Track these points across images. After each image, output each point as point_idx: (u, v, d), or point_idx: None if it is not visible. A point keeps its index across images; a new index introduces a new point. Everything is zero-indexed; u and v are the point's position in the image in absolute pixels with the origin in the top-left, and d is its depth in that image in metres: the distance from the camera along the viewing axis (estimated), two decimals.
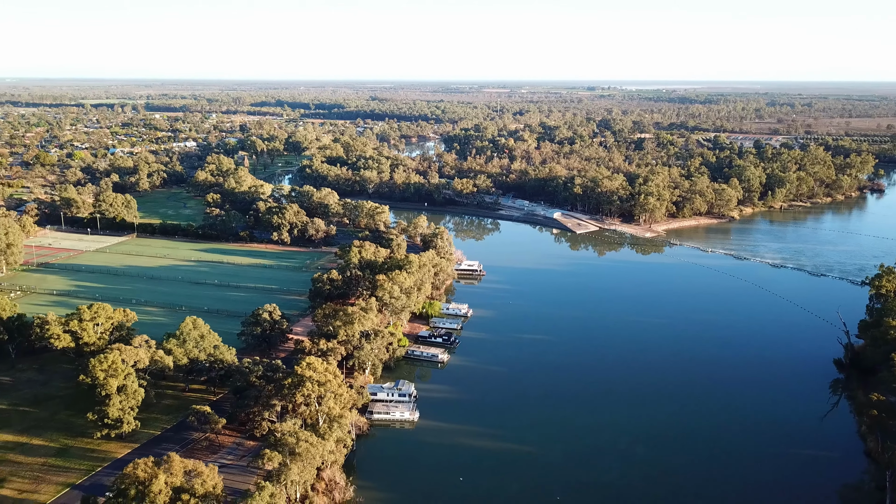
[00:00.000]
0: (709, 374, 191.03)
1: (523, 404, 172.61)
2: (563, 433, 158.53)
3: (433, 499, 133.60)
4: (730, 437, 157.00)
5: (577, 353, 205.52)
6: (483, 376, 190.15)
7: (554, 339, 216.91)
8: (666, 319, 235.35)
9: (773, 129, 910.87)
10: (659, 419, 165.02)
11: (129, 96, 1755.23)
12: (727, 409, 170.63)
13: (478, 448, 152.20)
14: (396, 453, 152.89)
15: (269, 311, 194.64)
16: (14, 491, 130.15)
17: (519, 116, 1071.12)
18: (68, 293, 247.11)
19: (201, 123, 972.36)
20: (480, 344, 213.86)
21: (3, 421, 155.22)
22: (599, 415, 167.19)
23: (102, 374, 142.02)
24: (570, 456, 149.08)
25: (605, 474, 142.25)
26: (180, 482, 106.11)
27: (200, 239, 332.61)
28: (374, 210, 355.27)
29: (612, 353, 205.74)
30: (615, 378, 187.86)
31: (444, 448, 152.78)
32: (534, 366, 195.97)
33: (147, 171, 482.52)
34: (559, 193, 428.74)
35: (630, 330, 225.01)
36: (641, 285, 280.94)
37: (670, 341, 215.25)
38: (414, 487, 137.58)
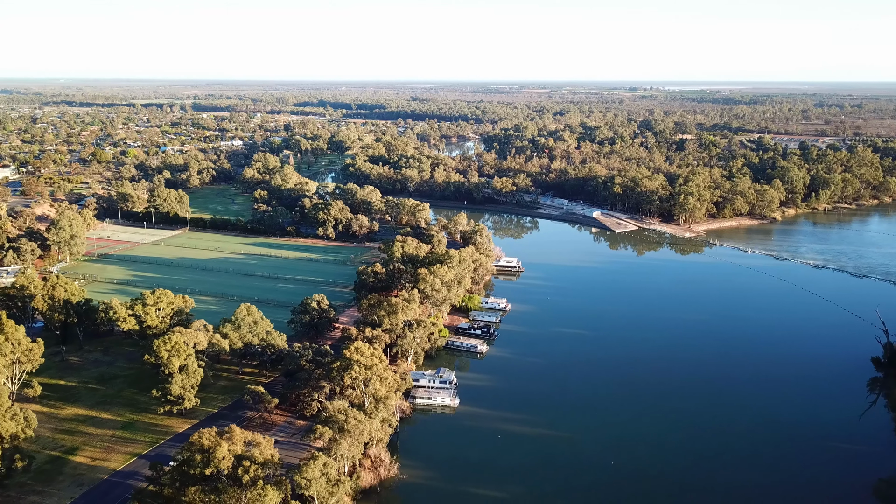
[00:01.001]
0: (746, 370, 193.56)
1: (559, 394, 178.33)
2: (597, 421, 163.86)
3: (472, 478, 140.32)
4: (766, 430, 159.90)
5: (614, 347, 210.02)
6: (521, 367, 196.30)
7: (591, 334, 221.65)
8: (703, 316, 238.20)
9: (820, 131, 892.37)
10: (694, 412, 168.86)
11: (176, 96, 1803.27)
12: (764, 404, 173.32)
13: (515, 433, 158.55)
14: (437, 436, 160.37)
15: (318, 300, 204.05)
16: (87, 458, 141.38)
17: (559, 117, 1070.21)
18: (127, 282, 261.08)
19: (247, 123, 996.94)
20: (519, 337, 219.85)
21: (74, 396, 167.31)
22: (634, 406, 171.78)
23: (166, 354, 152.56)
24: (604, 442, 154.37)
25: (637, 460, 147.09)
26: (241, 450, 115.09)
27: (249, 233, 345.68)
28: (416, 207, 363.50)
29: (649, 348, 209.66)
30: (651, 372, 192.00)
31: (483, 432, 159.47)
32: (571, 358, 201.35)
33: (197, 169, 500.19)
34: (599, 193, 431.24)
35: (668, 326, 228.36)
36: (680, 284, 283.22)
37: (708, 338, 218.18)
38: (454, 467, 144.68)
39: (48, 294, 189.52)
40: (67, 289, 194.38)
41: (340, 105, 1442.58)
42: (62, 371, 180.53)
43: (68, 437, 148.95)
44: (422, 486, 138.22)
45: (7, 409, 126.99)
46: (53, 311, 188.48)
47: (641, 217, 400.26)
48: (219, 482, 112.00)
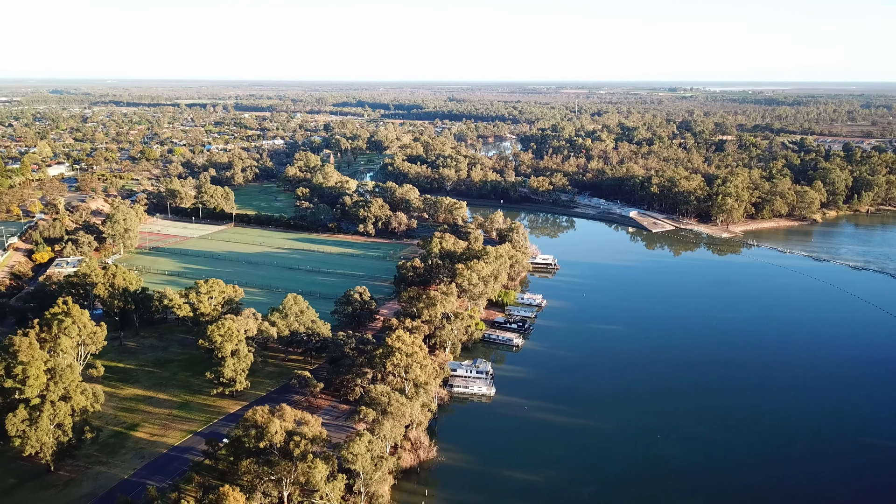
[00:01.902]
0: (779, 368, 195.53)
1: (592, 386, 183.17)
2: (628, 413, 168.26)
3: (507, 462, 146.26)
4: (798, 428, 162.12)
5: (647, 344, 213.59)
6: (555, 360, 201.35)
7: (626, 330, 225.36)
8: (738, 315, 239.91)
9: (866, 132, 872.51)
10: (725, 407, 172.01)
11: (219, 97, 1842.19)
12: (797, 401, 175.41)
13: (548, 422, 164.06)
14: (474, 422, 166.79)
15: (360, 292, 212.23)
16: (147, 434, 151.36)
17: (597, 117, 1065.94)
18: (177, 274, 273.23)
19: (287, 122, 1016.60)
20: (554, 331, 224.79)
21: (132, 378, 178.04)
22: (665, 400, 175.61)
23: (219, 339, 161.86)
24: (634, 433, 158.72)
25: (667, 451, 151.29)
26: (291, 427, 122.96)
27: (292, 229, 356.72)
28: (453, 206, 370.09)
29: (682, 345, 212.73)
30: (683, 367, 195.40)
31: (518, 420, 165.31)
32: (605, 353, 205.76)
33: (241, 167, 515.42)
34: (636, 192, 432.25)
35: (702, 324, 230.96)
36: (715, 283, 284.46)
37: (742, 336, 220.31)
38: (490, 451, 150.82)
39: (108, 282, 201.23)
40: (125, 278, 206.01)
41: (378, 105, 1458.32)
42: (121, 355, 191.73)
43: (129, 415, 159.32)
44: (459, 469, 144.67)
45: (78, 385, 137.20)
46: (113, 299, 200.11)
47: (678, 217, 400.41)
48: (271, 455, 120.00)
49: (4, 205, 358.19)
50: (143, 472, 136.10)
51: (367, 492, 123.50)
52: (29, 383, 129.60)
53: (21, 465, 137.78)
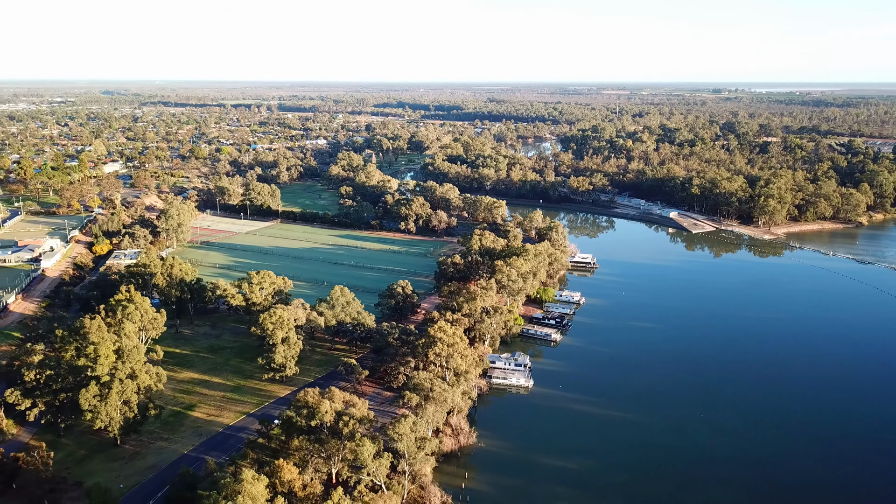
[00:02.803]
0: (817, 368, 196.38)
1: (628, 381, 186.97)
2: (662, 407, 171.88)
3: (544, 450, 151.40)
4: (832, 426, 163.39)
5: (684, 341, 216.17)
6: (592, 355, 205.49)
7: (663, 328, 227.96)
8: (777, 315, 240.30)
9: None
10: (759, 403, 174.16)
11: (262, 97, 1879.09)
12: (833, 400, 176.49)
13: (584, 413, 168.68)
14: (512, 412, 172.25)
15: (402, 286, 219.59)
16: (204, 414, 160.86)
17: (638, 118, 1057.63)
18: (228, 267, 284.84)
19: (329, 123, 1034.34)
20: (592, 328, 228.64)
21: (188, 363, 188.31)
22: (700, 395, 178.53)
23: (271, 327, 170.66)
24: (668, 425, 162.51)
25: (698, 442, 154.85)
26: (340, 408, 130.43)
27: (336, 226, 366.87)
28: (492, 204, 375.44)
29: (721, 344, 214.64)
30: (719, 365, 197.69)
31: (555, 411, 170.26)
32: (642, 349, 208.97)
33: (286, 165, 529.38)
34: (676, 193, 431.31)
35: (741, 324, 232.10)
36: (755, 284, 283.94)
37: (781, 336, 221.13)
38: (527, 439, 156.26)
39: (167, 272, 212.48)
40: (182, 269, 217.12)
41: (419, 106, 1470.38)
42: (177, 341, 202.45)
43: (186, 396, 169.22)
44: (497, 454, 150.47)
45: (143, 365, 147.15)
46: (171, 288, 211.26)
47: (719, 219, 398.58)
48: (321, 434, 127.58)
49: (66, 200, 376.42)
50: (201, 448, 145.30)
51: (410, 471, 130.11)
52: (100, 362, 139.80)
53: (91, 438, 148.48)
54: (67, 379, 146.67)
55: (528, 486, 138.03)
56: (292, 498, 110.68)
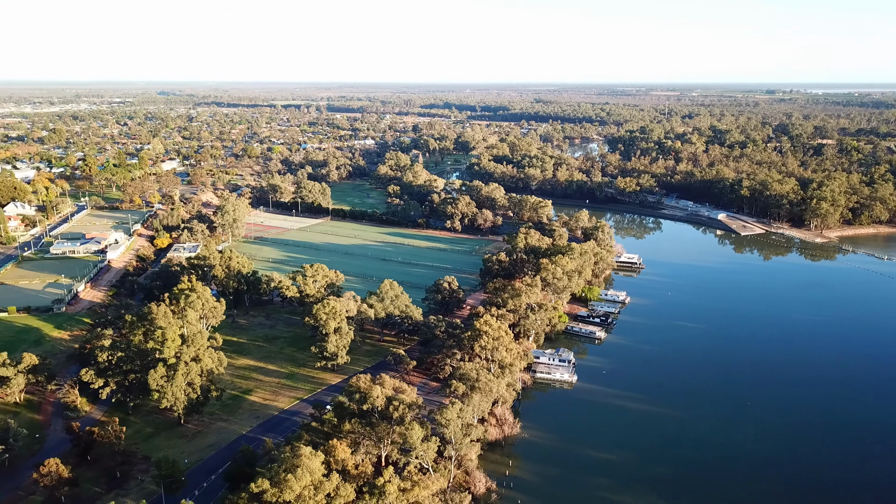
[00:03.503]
0: (867, 370, 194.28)
1: (671, 378, 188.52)
2: (705, 404, 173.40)
3: (586, 442, 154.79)
4: (878, 427, 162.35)
5: (730, 341, 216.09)
6: (636, 353, 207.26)
7: (709, 328, 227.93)
8: (825, 318, 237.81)
9: None
10: (802, 403, 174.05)
11: (311, 98, 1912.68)
12: (880, 403, 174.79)
13: (627, 408, 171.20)
14: (555, 406, 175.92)
15: (448, 281, 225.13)
16: (260, 398, 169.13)
17: (688, 120, 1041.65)
18: (280, 261, 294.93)
19: (377, 123, 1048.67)
20: (636, 326, 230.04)
21: (245, 350, 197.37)
22: (743, 394, 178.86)
23: (324, 317, 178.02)
24: (710, 421, 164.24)
25: (737, 437, 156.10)
26: (391, 393, 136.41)
27: (384, 224, 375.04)
28: (538, 204, 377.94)
29: (765, 345, 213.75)
30: (765, 365, 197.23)
31: (598, 406, 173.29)
32: (686, 348, 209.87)
33: (335, 165, 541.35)
34: (725, 195, 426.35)
35: (788, 326, 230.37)
36: (805, 287, 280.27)
37: (829, 338, 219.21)
38: (570, 432, 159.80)
39: (225, 265, 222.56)
40: (239, 261, 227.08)
41: (465, 107, 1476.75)
42: (234, 330, 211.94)
43: (243, 382, 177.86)
44: (540, 445, 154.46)
45: (206, 349, 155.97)
46: (229, 279, 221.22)
47: (769, 221, 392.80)
48: (372, 417, 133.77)
49: (128, 195, 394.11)
50: (258, 429, 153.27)
51: (456, 456, 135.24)
52: (167, 345, 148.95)
53: (157, 417, 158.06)
54: (136, 361, 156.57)
55: (570, 476, 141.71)
56: (345, 475, 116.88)
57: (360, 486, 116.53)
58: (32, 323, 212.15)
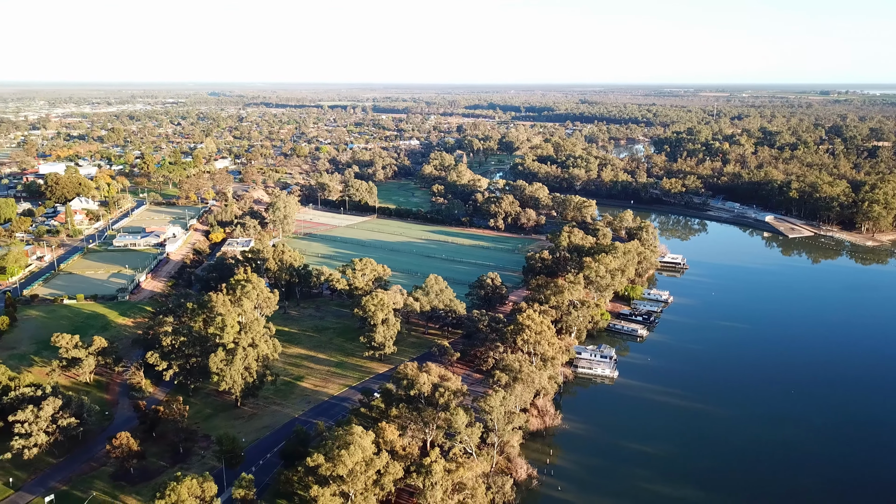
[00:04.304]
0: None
1: (713, 376, 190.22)
2: (747, 401, 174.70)
3: (626, 435, 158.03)
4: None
5: (774, 342, 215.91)
6: (678, 351, 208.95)
7: (753, 328, 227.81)
8: (875, 320, 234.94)
9: None
10: (844, 402, 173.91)
11: (357, 99, 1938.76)
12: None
13: (667, 404, 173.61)
14: (596, 400, 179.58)
15: (492, 278, 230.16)
16: (311, 385, 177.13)
17: (737, 121, 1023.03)
18: (329, 256, 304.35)
19: (422, 124, 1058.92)
20: (679, 326, 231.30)
21: (296, 340, 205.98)
22: (786, 393, 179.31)
23: (373, 308, 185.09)
24: (750, 418, 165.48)
25: (779, 435, 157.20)
26: (437, 380, 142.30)
27: (428, 222, 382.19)
28: (582, 204, 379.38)
29: (811, 345, 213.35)
30: (808, 366, 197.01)
31: (638, 401, 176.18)
32: (728, 348, 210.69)
33: (381, 164, 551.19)
34: (773, 197, 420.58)
35: (834, 328, 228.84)
36: (853, 290, 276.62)
37: (876, 340, 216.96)
38: (610, 425, 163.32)
39: (278, 258, 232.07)
40: (291, 255, 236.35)
41: (509, 108, 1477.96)
42: (285, 321, 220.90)
43: (295, 369, 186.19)
44: (580, 436, 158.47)
45: (262, 335, 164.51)
46: (281, 272, 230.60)
47: (819, 224, 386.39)
48: (419, 403, 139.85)
49: (184, 192, 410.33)
50: (310, 413, 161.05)
51: (499, 442, 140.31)
52: (226, 331, 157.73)
53: (215, 399, 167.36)
54: (196, 346, 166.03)
55: (609, 466, 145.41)
56: (394, 455, 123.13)
57: (407, 466, 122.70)
58: (99, 310, 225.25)
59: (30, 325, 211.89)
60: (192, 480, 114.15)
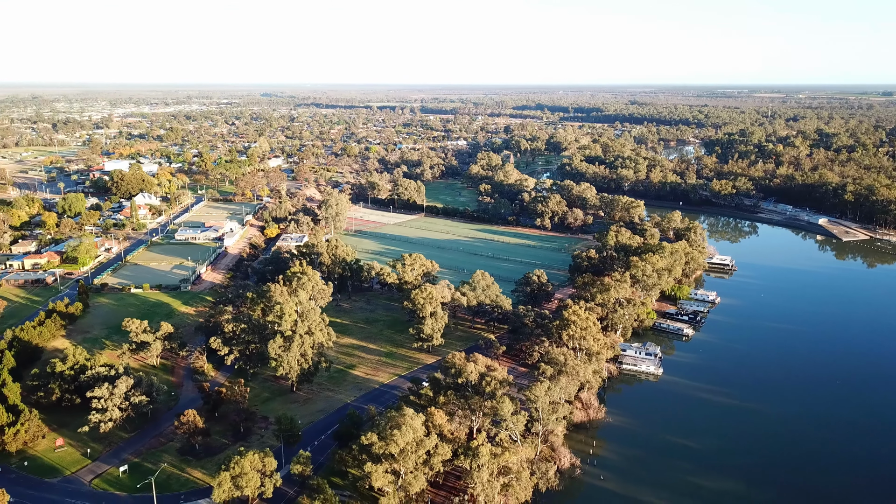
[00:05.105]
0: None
1: (758, 375, 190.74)
2: (792, 400, 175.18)
3: (669, 429, 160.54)
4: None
5: (823, 344, 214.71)
6: (724, 351, 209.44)
7: (802, 330, 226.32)
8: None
9: None
10: (888, 404, 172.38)
11: (405, 100, 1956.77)
12: None
13: (711, 401, 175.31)
14: (640, 395, 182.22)
15: (538, 275, 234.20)
16: (362, 373, 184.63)
17: (792, 122, 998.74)
18: (378, 253, 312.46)
19: (469, 124, 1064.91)
20: (725, 326, 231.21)
21: (348, 331, 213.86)
22: (833, 394, 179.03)
23: (422, 301, 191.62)
24: (792, 417, 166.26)
25: (823, 434, 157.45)
26: (484, 370, 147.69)
27: (475, 221, 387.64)
28: (630, 204, 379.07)
29: (862, 348, 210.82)
30: (859, 367, 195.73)
31: (682, 397, 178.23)
32: (773, 348, 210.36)
33: (429, 164, 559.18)
34: (827, 200, 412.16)
35: (887, 333, 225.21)
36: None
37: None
38: (653, 419, 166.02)
39: (332, 252, 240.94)
40: (344, 250, 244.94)
41: (557, 108, 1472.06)
42: (338, 313, 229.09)
43: (347, 358, 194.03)
44: (623, 429, 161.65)
45: (318, 324, 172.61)
46: (334, 266, 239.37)
47: (875, 227, 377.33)
48: (466, 391, 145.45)
49: (240, 189, 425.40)
50: (361, 399, 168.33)
51: (543, 431, 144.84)
52: (284, 319, 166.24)
53: (272, 384, 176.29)
54: (255, 334, 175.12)
55: (651, 458, 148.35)
56: (442, 438, 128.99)
57: (454, 449, 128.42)
58: (163, 299, 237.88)
59: (101, 311, 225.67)
60: (255, 455, 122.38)
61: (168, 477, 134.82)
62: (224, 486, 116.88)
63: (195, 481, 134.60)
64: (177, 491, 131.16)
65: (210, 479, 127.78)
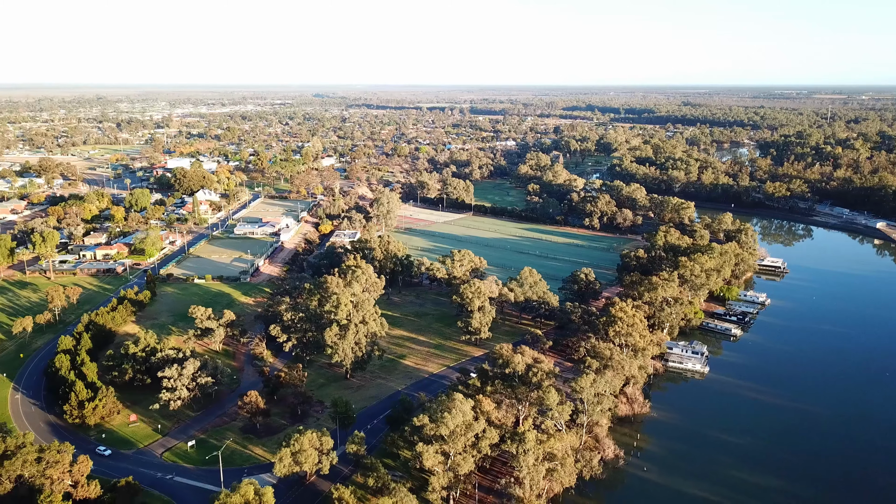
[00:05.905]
0: None
1: (806, 376, 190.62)
2: (840, 401, 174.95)
3: (712, 425, 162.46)
4: None
5: (877, 347, 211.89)
6: (771, 352, 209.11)
7: (854, 333, 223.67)
8: None
9: None
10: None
11: (455, 101, 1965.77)
12: None
13: (757, 400, 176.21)
14: (685, 392, 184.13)
15: (585, 273, 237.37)
16: (412, 363, 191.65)
17: (853, 124, 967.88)
18: (427, 250, 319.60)
19: (518, 125, 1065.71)
20: (774, 327, 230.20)
21: (399, 323, 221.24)
22: (884, 396, 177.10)
23: (470, 295, 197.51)
24: (838, 417, 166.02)
25: (870, 436, 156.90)
26: (530, 362, 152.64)
27: (523, 220, 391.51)
28: (680, 205, 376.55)
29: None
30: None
31: (727, 396, 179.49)
32: (823, 350, 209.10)
33: (478, 164, 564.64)
34: (887, 203, 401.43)
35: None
36: None
37: None
38: (697, 415, 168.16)
39: (384, 248, 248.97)
40: (396, 246, 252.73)
41: (608, 109, 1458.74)
42: (389, 306, 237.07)
43: (398, 348, 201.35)
44: (667, 424, 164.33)
45: (372, 314, 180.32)
46: (386, 261, 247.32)
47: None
48: (513, 381, 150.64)
49: (295, 187, 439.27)
50: (412, 387, 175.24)
51: (588, 421, 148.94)
52: (340, 308, 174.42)
53: (327, 371, 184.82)
54: (312, 323, 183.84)
55: (694, 452, 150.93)
56: (489, 424, 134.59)
57: (502, 435, 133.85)
58: (224, 289, 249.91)
59: (167, 299, 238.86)
60: (313, 434, 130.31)
61: (232, 453, 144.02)
62: (285, 461, 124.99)
63: (256, 457, 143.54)
64: (240, 465, 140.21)
65: (270, 456, 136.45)
